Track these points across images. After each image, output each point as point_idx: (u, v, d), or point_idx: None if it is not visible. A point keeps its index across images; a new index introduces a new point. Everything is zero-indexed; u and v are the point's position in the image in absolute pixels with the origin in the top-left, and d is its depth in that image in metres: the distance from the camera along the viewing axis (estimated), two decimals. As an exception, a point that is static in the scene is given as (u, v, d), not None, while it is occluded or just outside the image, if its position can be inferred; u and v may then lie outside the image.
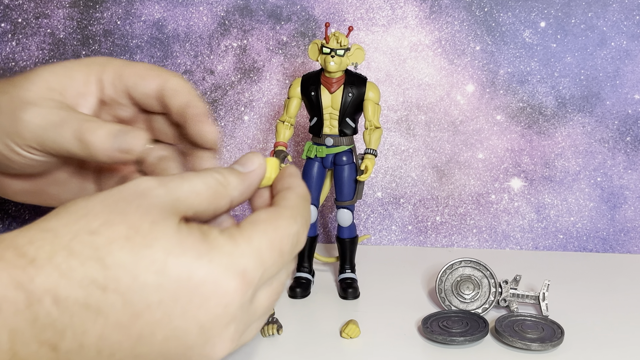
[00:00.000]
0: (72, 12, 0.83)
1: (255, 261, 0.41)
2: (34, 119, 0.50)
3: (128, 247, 0.38)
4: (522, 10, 0.82)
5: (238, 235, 0.41)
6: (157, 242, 0.38)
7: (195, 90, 0.53)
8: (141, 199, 0.40)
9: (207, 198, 0.43)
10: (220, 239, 0.40)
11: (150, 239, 0.38)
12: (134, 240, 0.38)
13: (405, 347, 0.62)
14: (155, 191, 0.41)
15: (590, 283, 0.76)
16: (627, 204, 0.84)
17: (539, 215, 0.85)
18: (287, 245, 0.43)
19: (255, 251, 0.41)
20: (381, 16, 0.83)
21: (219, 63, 0.84)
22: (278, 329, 0.63)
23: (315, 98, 0.70)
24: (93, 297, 0.37)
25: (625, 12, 0.82)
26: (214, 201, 0.43)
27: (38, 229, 0.38)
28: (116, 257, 0.38)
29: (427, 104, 0.84)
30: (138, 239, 0.38)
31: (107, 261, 0.37)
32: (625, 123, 0.83)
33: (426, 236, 0.86)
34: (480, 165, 0.85)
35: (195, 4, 0.83)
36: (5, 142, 0.51)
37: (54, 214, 0.39)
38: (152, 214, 0.39)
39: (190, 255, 0.39)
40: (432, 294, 0.72)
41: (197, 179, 0.43)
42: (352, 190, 0.72)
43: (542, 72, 0.83)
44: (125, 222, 0.39)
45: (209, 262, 0.39)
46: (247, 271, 0.40)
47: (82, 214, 0.39)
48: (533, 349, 0.61)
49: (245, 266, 0.40)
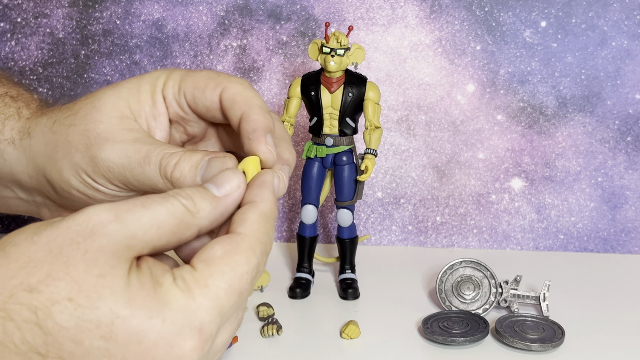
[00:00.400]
0: (72, 12, 0.83)
1: (212, 313, 0.37)
2: (114, 157, 0.46)
3: (71, 309, 0.34)
4: (522, 9, 0.82)
5: (193, 284, 0.37)
6: (103, 302, 0.35)
7: (257, 97, 0.47)
8: (89, 240, 0.36)
9: (170, 230, 0.39)
10: (173, 291, 0.37)
11: (95, 299, 0.35)
12: (78, 300, 0.34)
13: (405, 348, 0.62)
14: (108, 228, 0.37)
15: (591, 283, 0.76)
16: (628, 204, 0.84)
17: (540, 215, 0.85)
18: (247, 283, 0.39)
19: (213, 301, 0.37)
20: (381, 16, 0.83)
21: (219, 63, 0.84)
22: (278, 329, 0.63)
23: (315, 98, 0.70)
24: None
25: (626, 11, 0.81)
26: (178, 232, 0.39)
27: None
28: (57, 322, 0.34)
29: (427, 104, 0.84)
30: (82, 299, 0.34)
31: (48, 325, 0.34)
32: (626, 123, 0.83)
33: (426, 236, 0.86)
34: (480, 165, 0.84)
35: (195, 3, 0.83)
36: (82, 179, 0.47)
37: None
38: (100, 264, 0.35)
39: (141, 316, 0.35)
40: (433, 295, 0.72)
41: (160, 207, 0.38)
42: (352, 191, 0.72)
43: (543, 72, 0.83)
44: (68, 276, 0.35)
45: (162, 322, 0.36)
46: (204, 326, 0.37)
47: (22, 264, 0.35)
48: (534, 350, 0.61)
49: (202, 321, 0.37)
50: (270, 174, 0.43)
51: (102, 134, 0.47)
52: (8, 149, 0.51)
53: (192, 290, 0.37)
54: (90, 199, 0.48)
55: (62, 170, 0.48)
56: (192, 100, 0.48)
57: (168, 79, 0.49)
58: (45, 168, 0.49)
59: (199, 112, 0.49)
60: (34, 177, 0.51)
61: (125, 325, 0.35)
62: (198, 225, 0.40)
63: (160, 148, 0.46)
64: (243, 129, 0.45)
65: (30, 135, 0.51)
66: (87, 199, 0.49)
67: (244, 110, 0.46)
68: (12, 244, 0.36)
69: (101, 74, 0.84)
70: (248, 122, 0.45)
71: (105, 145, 0.46)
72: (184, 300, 0.37)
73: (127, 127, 0.47)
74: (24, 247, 0.36)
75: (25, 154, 0.51)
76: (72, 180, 0.48)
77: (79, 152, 0.47)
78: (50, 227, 0.37)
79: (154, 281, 0.37)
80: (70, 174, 0.48)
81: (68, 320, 0.34)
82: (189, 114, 0.49)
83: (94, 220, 0.37)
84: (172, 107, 0.49)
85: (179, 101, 0.49)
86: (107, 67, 0.84)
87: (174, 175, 0.44)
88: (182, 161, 0.45)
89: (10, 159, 0.51)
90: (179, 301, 0.37)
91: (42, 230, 0.37)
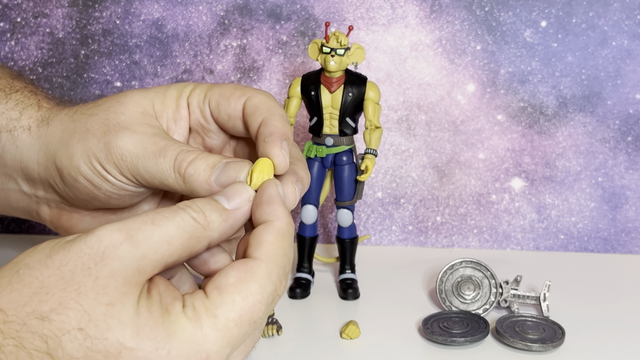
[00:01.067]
0: (71, 12, 0.83)
1: (220, 343, 0.38)
2: (129, 146, 0.46)
3: (80, 339, 0.35)
4: (523, 9, 0.82)
5: (203, 314, 0.38)
6: (111, 333, 0.35)
7: (280, 108, 0.48)
8: (101, 265, 0.37)
9: (180, 245, 0.39)
10: (181, 320, 0.37)
11: (104, 330, 0.35)
12: (87, 330, 0.35)
13: (405, 348, 0.62)
14: (119, 251, 0.37)
15: (591, 284, 0.76)
16: (629, 204, 0.84)
17: (540, 215, 0.85)
18: (260, 312, 0.39)
19: (222, 332, 0.38)
20: (381, 15, 0.83)
21: (219, 63, 0.84)
22: (278, 329, 0.63)
23: (315, 98, 0.70)
24: None
25: (627, 11, 0.81)
26: (189, 247, 0.40)
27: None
28: (67, 352, 0.35)
29: (427, 104, 0.84)
30: (91, 329, 0.35)
31: (58, 355, 0.35)
32: (627, 123, 0.83)
33: (427, 236, 0.86)
34: (481, 165, 0.84)
35: (195, 3, 0.83)
36: (92, 165, 0.48)
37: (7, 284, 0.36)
38: (110, 292, 0.36)
39: (147, 347, 0.36)
40: (433, 295, 0.72)
41: (170, 224, 0.39)
42: (352, 191, 0.72)
43: (543, 72, 0.83)
44: (78, 305, 0.36)
45: (167, 354, 0.36)
46: (211, 356, 0.37)
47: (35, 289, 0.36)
48: (534, 350, 0.61)
49: (208, 352, 0.37)
50: (273, 185, 0.43)
51: (122, 123, 0.47)
52: (22, 135, 0.52)
53: (200, 320, 0.37)
54: (96, 188, 0.49)
55: (74, 156, 0.48)
56: (215, 108, 0.49)
57: (195, 88, 0.50)
58: (56, 153, 0.50)
59: (220, 121, 0.50)
60: (43, 164, 0.51)
61: (132, 356, 0.36)
62: (209, 237, 0.40)
63: (178, 144, 0.46)
64: (261, 133, 0.46)
65: (48, 124, 0.51)
66: (92, 189, 0.49)
67: (265, 116, 0.46)
68: (25, 267, 0.37)
69: (101, 73, 0.84)
70: (267, 127, 0.46)
71: (124, 133, 0.47)
72: (190, 330, 0.37)
73: (148, 122, 0.48)
74: (37, 272, 0.36)
75: (39, 141, 0.51)
76: (82, 166, 0.48)
77: (95, 138, 0.48)
78: (62, 249, 0.37)
79: (162, 309, 0.37)
80: (81, 159, 0.48)
81: (78, 350, 0.35)
82: (210, 123, 0.50)
83: (105, 242, 0.37)
84: (195, 114, 0.50)
85: (202, 109, 0.50)
86: (107, 67, 0.84)
87: (188, 171, 0.45)
88: (199, 159, 0.45)
89: (23, 145, 0.52)
90: (186, 331, 0.37)
91: (54, 253, 0.37)
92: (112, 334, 0.36)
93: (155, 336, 0.36)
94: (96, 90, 0.84)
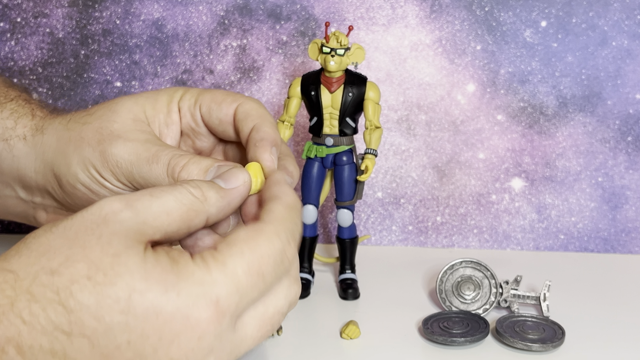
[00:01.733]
0: (71, 12, 0.83)
1: (229, 288, 0.38)
2: (123, 153, 0.48)
3: (90, 287, 0.36)
4: (523, 9, 0.82)
5: (211, 261, 0.39)
6: (120, 278, 0.36)
7: (270, 116, 0.50)
8: (103, 226, 0.38)
9: (179, 217, 0.40)
10: (190, 266, 0.38)
11: (112, 276, 0.36)
12: (96, 278, 0.36)
13: (405, 348, 0.62)
14: (120, 215, 0.38)
15: (591, 284, 0.76)
16: (629, 204, 0.84)
17: (540, 215, 0.85)
18: (269, 265, 0.40)
19: (230, 277, 0.38)
20: (381, 15, 0.83)
21: (219, 63, 0.84)
22: (278, 329, 0.63)
23: (315, 98, 0.70)
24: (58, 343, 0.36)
25: (627, 11, 0.81)
26: (187, 219, 0.41)
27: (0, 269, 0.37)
28: (79, 299, 0.36)
29: (427, 104, 0.84)
30: (100, 277, 0.36)
31: (70, 304, 0.36)
32: (627, 123, 0.83)
33: (427, 236, 0.86)
34: (481, 165, 0.84)
35: (195, 3, 0.83)
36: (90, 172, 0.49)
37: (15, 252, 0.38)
38: (114, 245, 0.37)
39: (157, 290, 0.37)
40: (433, 295, 0.72)
41: (168, 196, 0.40)
42: (352, 191, 0.71)
43: (543, 72, 0.83)
44: (86, 258, 0.37)
45: (177, 296, 0.37)
46: (221, 299, 0.38)
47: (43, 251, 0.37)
48: (534, 350, 0.61)
49: (218, 294, 0.38)
50: (281, 173, 0.45)
51: (115, 132, 0.49)
52: (18, 144, 0.53)
53: (209, 267, 0.38)
54: (94, 194, 0.50)
55: (71, 164, 0.50)
56: (206, 112, 0.51)
57: (186, 93, 0.52)
58: (54, 162, 0.51)
59: (211, 126, 0.51)
60: (41, 173, 0.52)
61: (142, 298, 0.36)
62: (206, 212, 0.42)
63: (170, 149, 0.48)
64: (252, 138, 0.48)
65: (43, 132, 0.53)
66: (91, 195, 0.50)
67: (257, 122, 0.48)
68: (32, 237, 0.39)
69: (101, 73, 0.84)
70: (258, 132, 0.48)
71: (117, 141, 0.48)
72: (199, 275, 0.38)
73: (140, 128, 0.50)
74: (43, 238, 0.38)
75: (35, 150, 0.53)
76: (80, 173, 0.50)
77: (90, 147, 0.49)
78: (65, 219, 0.39)
79: (170, 259, 0.38)
80: (79, 167, 0.50)
81: (88, 298, 0.36)
82: (200, 127, 0.52)
83: (106, 209, 0.39)
84: (186, 118, 0.51)
85: (193, 113, 0.51)
86: (107, 67, 0.84)
87: (181, 176, 0.46)
88: (191, 164, 0.46)
89: (19, 154, 0.53)
90: (195, 275, 0.38)
91: (58, 223, 0.39)
92: (121, 279, 0.36)
93: (165, 279, 0.37)
94: (96, 91, 0.84)
